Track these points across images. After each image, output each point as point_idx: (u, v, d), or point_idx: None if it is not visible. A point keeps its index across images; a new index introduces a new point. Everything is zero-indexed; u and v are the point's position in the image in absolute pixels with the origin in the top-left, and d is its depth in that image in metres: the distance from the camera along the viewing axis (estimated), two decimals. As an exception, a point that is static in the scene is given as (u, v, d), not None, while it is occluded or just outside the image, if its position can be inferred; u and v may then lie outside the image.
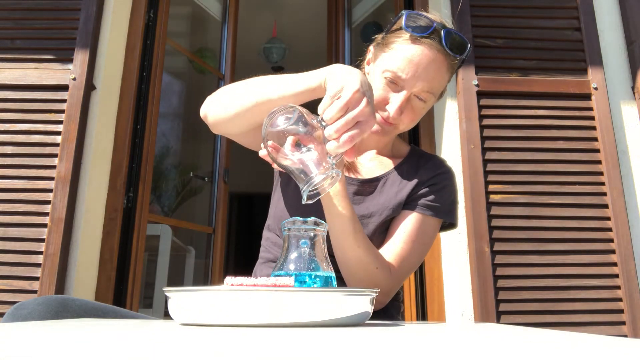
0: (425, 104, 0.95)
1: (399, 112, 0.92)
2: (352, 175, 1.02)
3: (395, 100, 0.92)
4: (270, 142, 0.69)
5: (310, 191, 0.68)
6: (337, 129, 0.69)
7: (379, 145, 1.06)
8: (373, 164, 1.05)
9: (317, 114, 0.72)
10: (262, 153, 0.74)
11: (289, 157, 0.68)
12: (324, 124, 0.70)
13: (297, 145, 0.68)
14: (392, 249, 0.95)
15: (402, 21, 0.92)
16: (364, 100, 0.71)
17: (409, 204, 0.99)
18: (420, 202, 0.98)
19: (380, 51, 0.97)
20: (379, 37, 1.02)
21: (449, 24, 0.95)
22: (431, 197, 0.99)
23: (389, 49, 0.95)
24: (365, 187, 1.01)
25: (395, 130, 0.98)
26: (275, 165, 0.73)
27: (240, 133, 0.93)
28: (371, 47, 1.03)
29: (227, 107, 0.89)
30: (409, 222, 0.97)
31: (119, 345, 0.35)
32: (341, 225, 0.85)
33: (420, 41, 0.91)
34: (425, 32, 0.91)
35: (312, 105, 0.77)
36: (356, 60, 1.09)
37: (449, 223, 1.03)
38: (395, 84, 0.92)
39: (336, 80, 0.74)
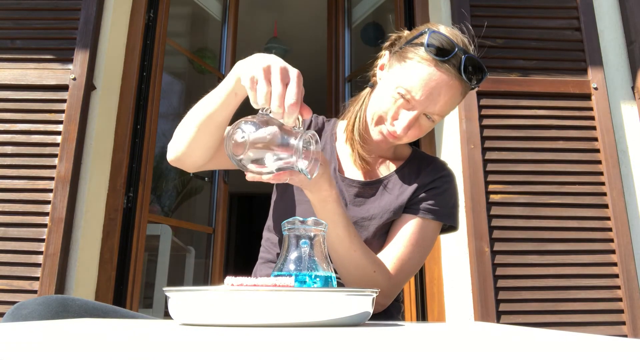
0: (433, 123, 0.95)
1: (407, 131, 0.92)
2: (354, 177, 1.03)
3: (404, 118, 0.91)
4: (249, 167, 0.69)
5: (305, 167, 0.68)
6: (277, 104, 0.68)
7: (381, 150, 1.07)
8: (375, 167, 1.06)
9: (259, 111, 0.72)
10: (249, 177, 0.74)
11: (271, 163, 0.68)
12: (266, 111, 0.70)
13: (268, 148, 0.68)
14: (392, 253, 0.95)
15: (425, 39, 0.89)
16: (275, 66, 0.71)
17: (409, 207, 0.99)
18: (421, 206, 0.99)
19: (396, 62, 0.95)
20: (393, 37, 0.99)
21: (471, 47, 0.93)
22: (432, 200, 0.99)
23: (405, 63, 0.92)
24: (367, 189, 1.01)
25: (399, 142, 0.98)
26: (265, 179, 0.73)
27: (207, 161, 0.93)
28: (386, 52, 1.00)
29: (179, 142, 0.90)
30: (410, 226, 0.97)
31: (119, 345, 0.35)
32: (335, 229, 0.85)
33: (439, 65, 0.88)
34: (446, 57, 0.88)
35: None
36: (361, 60, 1.08)
37: (449, 226, 1.03)
38: (407, 101, 0.91)
39: (245, 74, 0.73)
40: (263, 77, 0.70)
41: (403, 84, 0.90)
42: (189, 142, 0.88)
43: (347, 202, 1.00)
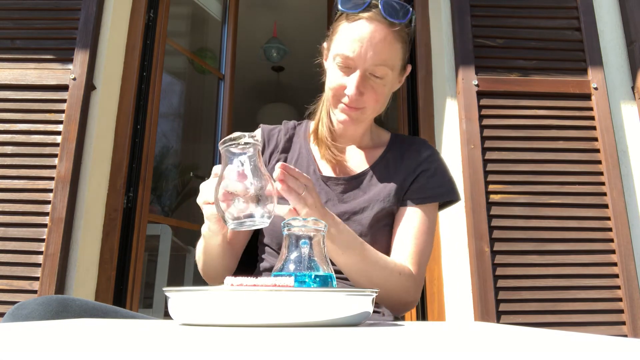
0: (384, 80, 0.93)
1: (358, 92, 0.92)
2: (337, 175, 1.02)
3: (351, 81, 0.92)
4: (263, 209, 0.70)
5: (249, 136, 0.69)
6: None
7: (357, 136, 1.06)
8: (357, 159, 1.05)
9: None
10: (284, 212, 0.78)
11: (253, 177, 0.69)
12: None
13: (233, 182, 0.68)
14: (407, 249, 0.95)
15: (338, 4, 0.92)
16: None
17: (406, 198, 0.99)
18: (419, 195, 0.99)
19: (329, 42, 0.98)
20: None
21: None
22: (427, 185, 1.00)
23: (334, 36, 0.95)
24: (353, 184, 1.01)
25: (364, 115, 0.97)
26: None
27: (236, 263, 1.03)
28: (324, 44, 1.02)
29: (204, 273, 1.02)
30: (414, 217, 0.97)
31: (119, 345, 0.35)
32: (354, 251, 0.85)
33: (358, 16, 0.90)
34: (361, 8, 0.90)
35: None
36: None
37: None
38: (348, 67, 0.92)
39: (205, 216, 0.82)
40: (204, 198, 0.76)
41: (337, 52, 0.92)
42: (211, 273, 1.00)
43: (336, 200, 1.00)
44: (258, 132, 1.10)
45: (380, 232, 0.98)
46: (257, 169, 0.69)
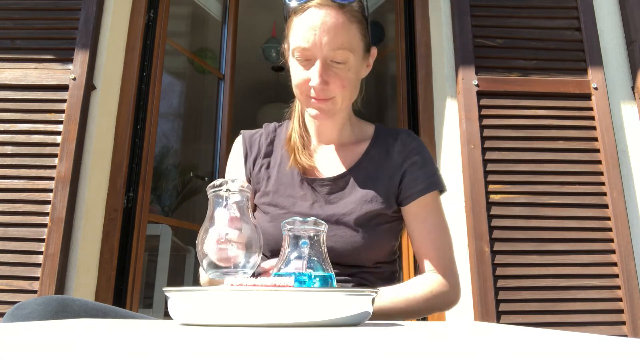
0: (347, 65, 0.91)
1: (322, 81, 0.89)
2: (322, 175, 1.00)
3: (313, 72, 0.89)
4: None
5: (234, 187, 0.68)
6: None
7: (336, 132, 1.04)
8: (340, 157, 1.02)
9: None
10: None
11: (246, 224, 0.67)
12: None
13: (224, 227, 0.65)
14: (431, 257, 0.95)
15: (285, 0, 0.91)
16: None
17: (406, 197, 0.98)
18: (417, 188, 0.97)
19: (287, 41, 0.96)
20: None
21: None
22: (421, 176, 0.98)
23: (289, 32, 0.94)
24: (339, 184, 0.98)
25: (335, 106, 0.94)
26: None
27: None
28: (284, 45, 1.01)
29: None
30: (421, 213, 0.97)
31: (119, 345, 0.35)
32: (381, 304, 0.87)
33: (306, 6, 0.88)
34: None
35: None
36: None
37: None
38: (307, 59, 0.90)
39: None
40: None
41: (293, 45, 0.91)
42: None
43: (322, 202, 0.97)
44: (239, 140, 1.08)
45: (374, 232, 0.95)
46: (244, 217, 0.66)
